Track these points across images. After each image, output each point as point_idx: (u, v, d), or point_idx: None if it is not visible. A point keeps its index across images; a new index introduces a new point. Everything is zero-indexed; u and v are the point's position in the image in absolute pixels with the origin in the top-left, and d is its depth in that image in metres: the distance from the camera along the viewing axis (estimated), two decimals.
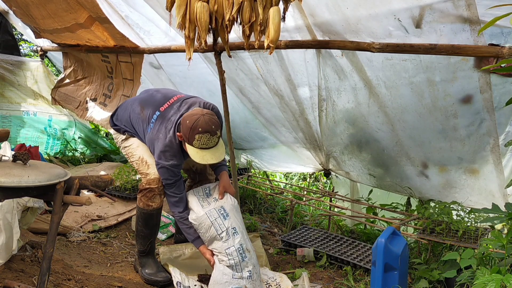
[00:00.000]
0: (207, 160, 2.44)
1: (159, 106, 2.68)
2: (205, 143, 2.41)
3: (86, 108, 5.09)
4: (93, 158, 5.75)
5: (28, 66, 5.55)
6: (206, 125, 2.38)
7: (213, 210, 2.59)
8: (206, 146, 2.42)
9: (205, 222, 2.55)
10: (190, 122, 2.39)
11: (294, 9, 2.67)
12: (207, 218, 2.56)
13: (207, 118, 2.41)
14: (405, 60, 2.61)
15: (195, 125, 2.38)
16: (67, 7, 3.58)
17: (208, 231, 2.56)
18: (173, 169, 2.58)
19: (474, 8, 2.10)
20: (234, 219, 2.60)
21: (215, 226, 2.54)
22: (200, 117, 2.40)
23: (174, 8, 2.28)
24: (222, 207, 2.62)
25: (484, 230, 2.78)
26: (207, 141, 2.40)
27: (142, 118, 2.71)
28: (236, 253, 2.52)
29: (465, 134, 2.74)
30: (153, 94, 2.80)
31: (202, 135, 2.38)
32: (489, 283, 1.72)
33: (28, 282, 2.24)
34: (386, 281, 2.31)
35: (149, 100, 2.75)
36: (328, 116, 3.42)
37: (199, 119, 2.39)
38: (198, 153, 2.43)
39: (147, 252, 2.80)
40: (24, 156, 2.02)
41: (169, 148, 2.54)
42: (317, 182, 6.25)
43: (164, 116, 2.62)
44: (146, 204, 2.72)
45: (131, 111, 2.79)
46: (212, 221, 2.55)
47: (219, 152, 2.49)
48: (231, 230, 2.56)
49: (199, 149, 2.42)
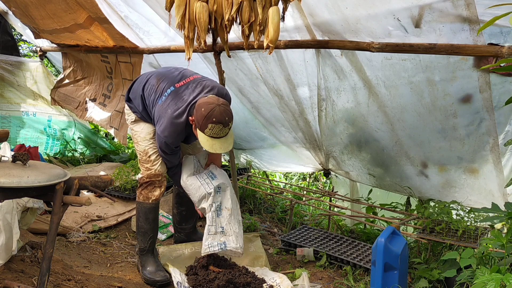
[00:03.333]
0: (216, 149, 2.48)
1: (174, 82, 2.68)
2: (216, 133, 2.44)
3: (86, 108, 5.09)
4: (93, 158, 5.75)
5: (27, 67, 5.55)
6: (220, 116, 2.40)
7: (202, 174, 2.81)
8: (217, 136, 2.46)
9: (195, 183, 2.75)
10: (206, 111, 2.40)
11: (293, 9, 2.67)
12: (196, 179, 2.76)
13: (222, 109, 2.42)
14: (404, 59, 2.61)
15: (209, 114, 2.39)
16: (66, 7, 3.58)
17: (197, 191, 2.74)
18: (171, 145, 2.66)
19: (474, 7, 2.10)
20: (222, 179, 2.78)
21: (204, 186, 2.74)
22: (215, 107, 2.41)
23: (174, 8, 2.28)
24: (211, 171, 2.83)
25: (484, 229, 2.78)
26: (219, 131, 2.44)
27: (156, 89, 2.70)
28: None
29: (465, 133, 2.74)
30: (171, 70, 2.81)
31: (215, 125, 2.41)
32: (489, 282, 1.72)
33: (28, 283, 2.23)
34: (386, 280, 2.31)
35: (167, 75, 2.76)
36: (328, 116, 3.42)
37: (214, 109, 2.40)
38: (208, 141, 2.47)
39: (147, 250, 2.81)
40: (24, 156, 2.02)
41: (174, 127, 2.57)
42: (316, 182, 6.25)
43: (178, 92, 2.63)
44: (146, 197, 2.79)
45: (147, 83, 2.78)
46: (201, 181, 2.75)
47: (228, 142, 2.52)
48: (217, 189, 2.75)
49: (210, 137, 2.46)
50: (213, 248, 2.65)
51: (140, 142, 2.85)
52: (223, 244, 2.68)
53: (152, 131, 2.83)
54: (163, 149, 2.70)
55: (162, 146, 2.70)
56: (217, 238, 2.68)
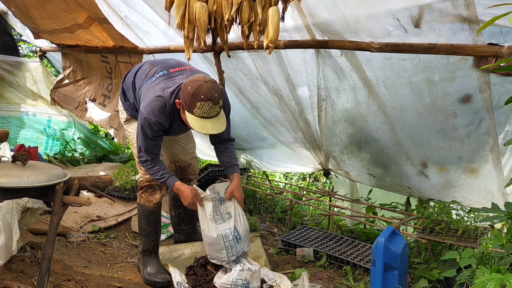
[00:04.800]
0: (207, 129, 2.28)
1: (168, 67, 2.54)
2: (206, 112, 2.25)
3: (86, 108, 5.09)
4: (93, 158, 5.75)
5: (27, 67, 5.55)
6: (209, 92, 2.22)
7: (228, 232, 2.54)
8: (208, 115, 2.26)
9: (219, 243, 2.52)
10: (192, 88, 2.23)
11: (293, 9, 2.67)
12: (221, 239, 2.52)
13: (210, 86, 2.24)
14: (404, 59, 2.61)
15: (197, 92, 2.21)
16: (66, 7, 3.59)
17: (217, 251, 2.54)
18: (154, 126, 2.40)
19: (473, 7, 2.10)
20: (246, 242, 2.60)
21: (227, 249, 2.52)
22: (203, 83, 2.24)
23: (173, 8, 2.28)
24: (236, 229, 2.56)
25: (484, 229, 2.77)
26: (209, 109, 2.24)
27: (147, 73, 2.56)
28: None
29: (465, 133, 2.74)
30: (168, 59, 2.68)
31: (204, 102, 2.22)
32: (488, 282, 1.72)
33: (27, 283, 2.23)
34: (386, 280, 2.31)
35: (161, 62, 2.63)
36: (328, 116, 3.42)
37: (201, 86, 2.23)
38: (199, 122, 2.27)
39: (150, 251, 2.79)
40: (24, 156, 2.02)
41: (159, 103, 2.37)
42: (316, 182, 6.25)
43: (170, 76, 2.48)
44: (147, 200, 2.74)
45: (139, 70, 2.66)
46: (225, 243, 2.52)
47: (220, 122, 2.33)
48: (240, 252, 2.57)
49: (200, 117, 2.26)
50: (235, 281, 2.50)
51: (135, 144, 2.75)
52: (247, 284, 2.53)
53: None
54: (145, 129, 2.41)
55: (144, 126, 2.41)
56: (243, 275, 2.51)
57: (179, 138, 2.97)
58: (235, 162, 2.71)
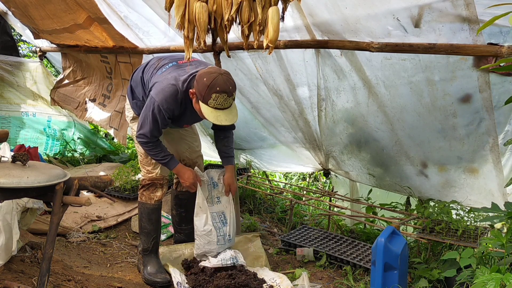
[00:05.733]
0: (221, 120, 2.35)
1: (177, 60, 2.62)
2: (221, 103, 2.32)
3: (85, 108, 5.09)
4: (93, 158, 5.75)
5: (27, 67, 5.55)
6: (224, 84, 2.30)
7: (215, 215, 2.82)
8: (222, 107, 2.33)
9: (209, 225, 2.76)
10: (208, 80, 2.30)
11: (293, 9, 2.67)
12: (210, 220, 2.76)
13: (225, 78, 2.33)
14: (404, 59, 2.61)
15: (213, 84, 2.28)
16: (66, 7, 3.59)
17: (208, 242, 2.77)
18: (164, 113, 2.45)
19: (473, 7, 2.10)
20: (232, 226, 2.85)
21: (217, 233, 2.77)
22: (218, 76, 2.32)
23: (173, 8, 2.28)
24: (223, 213, 2.85)
25: (484, 229, 2.77)
26: (223, 101, 2.32)
27: (156, 66, 2.62)
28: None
29: (465, 133, 2.74)
30: (175, 54, 2.76)
31: (219, 94, 2.29)
32: (488, 282, 1.72)
33: (28, 283, 2.23)
34: (386, 280, 2.31)
35: (168, 56, 2.71)
36: (328, 115, 3.42)
37: (217, 78, 2.30)
38: (213, 113, 2.34)
39: (150, 251, 2.80)
40: (23, 157, 2.02)
41: (171, 90, 2.43)
42: (316, 182, 6.25)
43: (180, 66, 2.55)
44: (148, 197, 2.79)
45: (147, 65, 2.71)
46: (214, 224, 2.77)
47: (232, 113, 2.40)
48: (227, 237, 2.82)
49: (214, 108, 2.33)
50: (225, 262, 2.73)
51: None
52: (235, 259, 2.76)
53: None
54: (156, 114, 2.45)
55: (154, 111, 2.44)
56: (230, 252, 2.79)
57: (186, 136, 3.01)
58: (231, 154, 2.86)
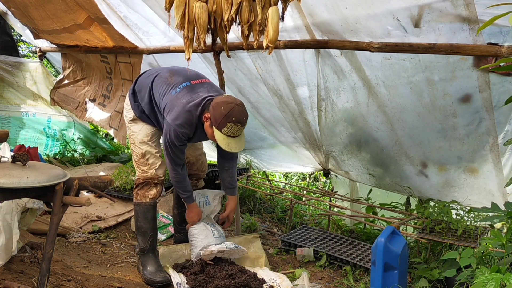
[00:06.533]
0: (231, 147, 2.50)
1: (190, 79, 2.70)
2: (233, 132, 2.46)
3: (85, 108, 5.09)
4: (93, 158, 5.75)
5: (27, 67, 5.55)
6: (239, 115, 2.44)
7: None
8: (234, 135, 2.48)
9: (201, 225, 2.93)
10: (225, 110, 2.42)
11: (293, 9, 2.67)
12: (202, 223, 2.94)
13: (241, 109, 2.47)
14: (404, 59, 2.61)
15: (229, 114, 2.41)
16: (66, 7, 3.58)
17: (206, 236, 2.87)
18: (182, 136, 2.60)
19: (473, 7, 2.10)
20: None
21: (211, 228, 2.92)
22: (235, 106, 2.44)
23: (173, 9, 2.28)
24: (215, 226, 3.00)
25: (484, 229, 2.78)
26: (236, 130, 2.46)
27: (168, 82, 2.69)
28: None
29: (464, 133, 2.74)
30: (185, 69, 2.82)
31: (234, 124, 2.43)
32: (488, 282, 1.72)
33: (27, 283, 2.23)
34: (386, 280, 2.31)
35: (180, 71, 2.78)
36: (327, 115, 3.42)
37: (234, 109, 2.43)
38: (225, 140, 2.48)
39: (147, 250, 2.81)
40: (23, 157, 2.01)
41: (188, 116, 2.55)
42: (316, 182, 6.25)
43: (193, 88, 2.64)
44: (143, 196, 2.83)
45: (158, 76, 2.77)
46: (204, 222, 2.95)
47: (241, 141, 2.55)
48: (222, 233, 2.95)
49: (226, 136, 2.47)
50: (228, 246, 2.83)
51: (137, 144, 2.85)
52: (237, 245, 2.89)
53: (150, 133, 2.83)
54: (173, 139, 2.59)
55: (171, 136, 2.59)
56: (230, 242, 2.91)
57: None
58: (235, 185, 3.02)
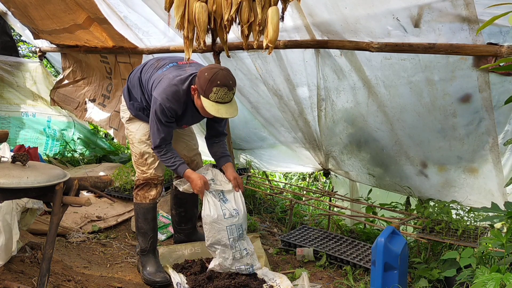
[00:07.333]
0: (221, 113, 2.44)
1: (177, 60, 2.72)
2: (221, 97, 2.41)
3: (85, 108, 5.09)
4: (92, 159, 5.75)
5: (27, 67, 5.55)
6: (224, 79, 2.40)
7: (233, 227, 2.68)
8: (222, 100, 2.42)
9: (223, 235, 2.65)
10: (209, 75, 2.39)
11: (292, 9, 2.67)
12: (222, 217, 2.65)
13: (225, 73, 2.43)
14: (404, 59, 2.61)
15: (213, 78, 2.38)
16: (66, 7, 3.59)
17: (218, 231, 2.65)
18: (167, 112, 2.53)
19: (473, 7, 2.10)
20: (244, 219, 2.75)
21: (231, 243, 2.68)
22: (218, 71, 2.42)
23: (173, 9, 2.28)
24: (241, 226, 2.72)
25: (484, 229, 2.77)
26: (224, 95, 2.40)
27: (155, 66, 2.70)
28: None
29: (464, 133, 2.74)
30: (175, 55, 2.85)
31: (220, 88, 2.38)
32: (488, 282, 1.72)
33: (27, 283, 2.23)
34: (386, 280, 2.31)
35: (168, 57, 2.79)
36: (327, 115, 3.42)
37: (218, 73, 2.40)
38: (214, 106, 2.42)
39: (148, 251, 2.80)
40: (23, 157, 2.01)
41: (174, 90, 2.51)
42: (316, 182, 6.25)
43: (180, 66, 2.65)
44: (143, 197, 2.82)
45: (145, 65, 2.78)
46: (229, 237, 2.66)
47: (233, 108, 2.49)
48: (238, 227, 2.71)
49: (215, 102, 2.42)
50: (241, 272, 2.72)
51: (135, 143, 2.84)
52: (251, 268, 2.74)
53: (148, 132, 2.81)
54: (159, 115, 2.53)
55: (157, 111, 2.53)
56: (244, 261, 2.73)
57: (183, 135, 3.04)
58: (228, 153, 2.95)
